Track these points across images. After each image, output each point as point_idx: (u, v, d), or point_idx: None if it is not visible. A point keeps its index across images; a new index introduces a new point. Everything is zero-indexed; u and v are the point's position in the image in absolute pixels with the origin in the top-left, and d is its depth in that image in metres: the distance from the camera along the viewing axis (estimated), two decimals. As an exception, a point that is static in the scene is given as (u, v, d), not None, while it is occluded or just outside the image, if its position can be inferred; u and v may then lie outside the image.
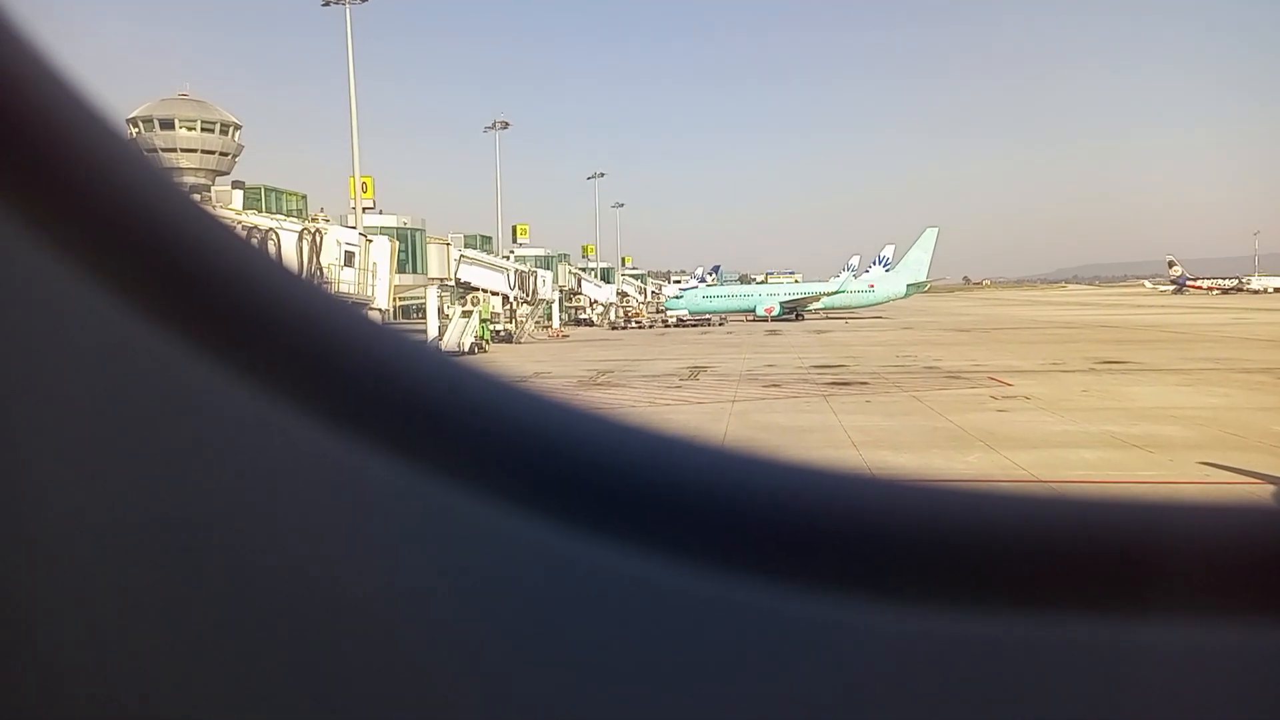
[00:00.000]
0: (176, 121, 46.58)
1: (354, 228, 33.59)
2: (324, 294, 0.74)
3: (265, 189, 36.42)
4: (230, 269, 0.71)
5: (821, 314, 69.27)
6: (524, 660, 0.64)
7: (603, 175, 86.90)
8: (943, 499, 0.71)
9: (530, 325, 52.16)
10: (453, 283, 42.35)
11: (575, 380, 25.43)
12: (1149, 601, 0.66)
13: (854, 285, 73.88)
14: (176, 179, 0.73)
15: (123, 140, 0.71)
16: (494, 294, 45.86)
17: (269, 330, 0.70)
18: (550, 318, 59.64)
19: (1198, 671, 0.65)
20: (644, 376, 26.39)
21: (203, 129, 47.72)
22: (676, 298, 72.54)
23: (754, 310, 67.41)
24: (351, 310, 0.75)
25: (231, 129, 49.49)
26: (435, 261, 40.34)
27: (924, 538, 0.68)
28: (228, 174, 45.99)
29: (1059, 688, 0.63)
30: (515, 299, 48.72)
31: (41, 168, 0.67)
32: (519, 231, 63.82)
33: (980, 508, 0.71)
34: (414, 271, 38.43)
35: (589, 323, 66.26)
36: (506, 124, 60.61)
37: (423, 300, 41.15)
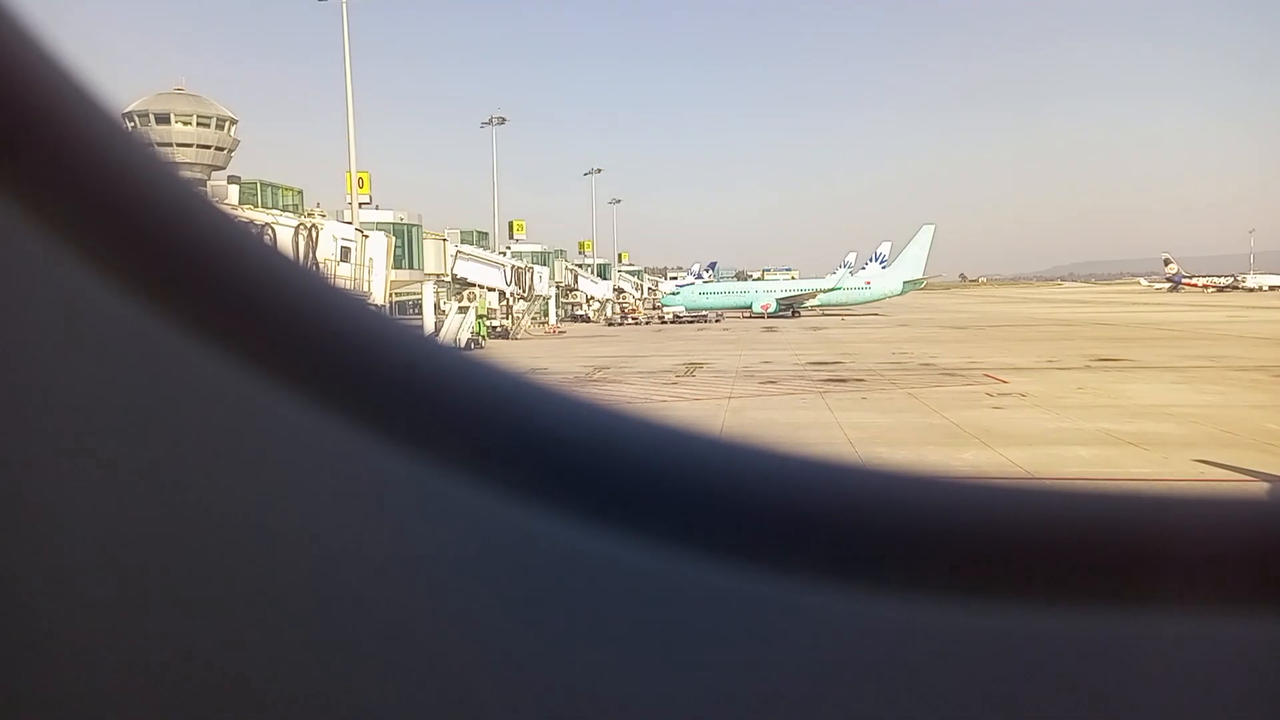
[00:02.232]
0: (172, 116, 46.44)
1: (350, 223, 33.50)
2: (331, 286, 0.74)
3: (261, 184, 36.30)
4: (236, 261, 0.70)
5: (818, 311, 69.24)
6: (527, 648, 0.64)
7: (599, 171, 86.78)
8: (942, 490, 0.71)
9: (526, 321, 52.09)
10: (449, 278, 42.28)
11: (572, 376, 25.40)
12: (1145, 594, 0.66)
13: (850, 282, 73.78)
14: (180, 172, 0.73)
15: (128, 134, 0.71)
16: (490, 290, 45.79)
17: (275, 322, 0.70)
18: (546, 314, 59.58)
19: (1193, 663, 0.65)
20: (640, 373, 26.40)
21: (199, 124, 47.60)
22: (673, 294, 72.52)
23: (750, 307, 67.38)
24: (358, 302, 0.74)
25: (227, 124, 49.36)
26: (431, 257, 40.26)
27: (924, 528, 0.68)
28: (224, 169, 45.88)
29: (1056, 679, 0.64)
30: (512, 295, 48.64)
31: (45, 160, 0.66)
32: (515, 227, 63.69)
33: (979, 499, 0.71)
34: (410, 267, 38.34)
35: (585, 319, 66.19)
36: (503, 120, 60.48)
37: (419, 296, 41.05)
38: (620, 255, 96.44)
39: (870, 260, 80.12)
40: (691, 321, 61.38)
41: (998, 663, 0.64)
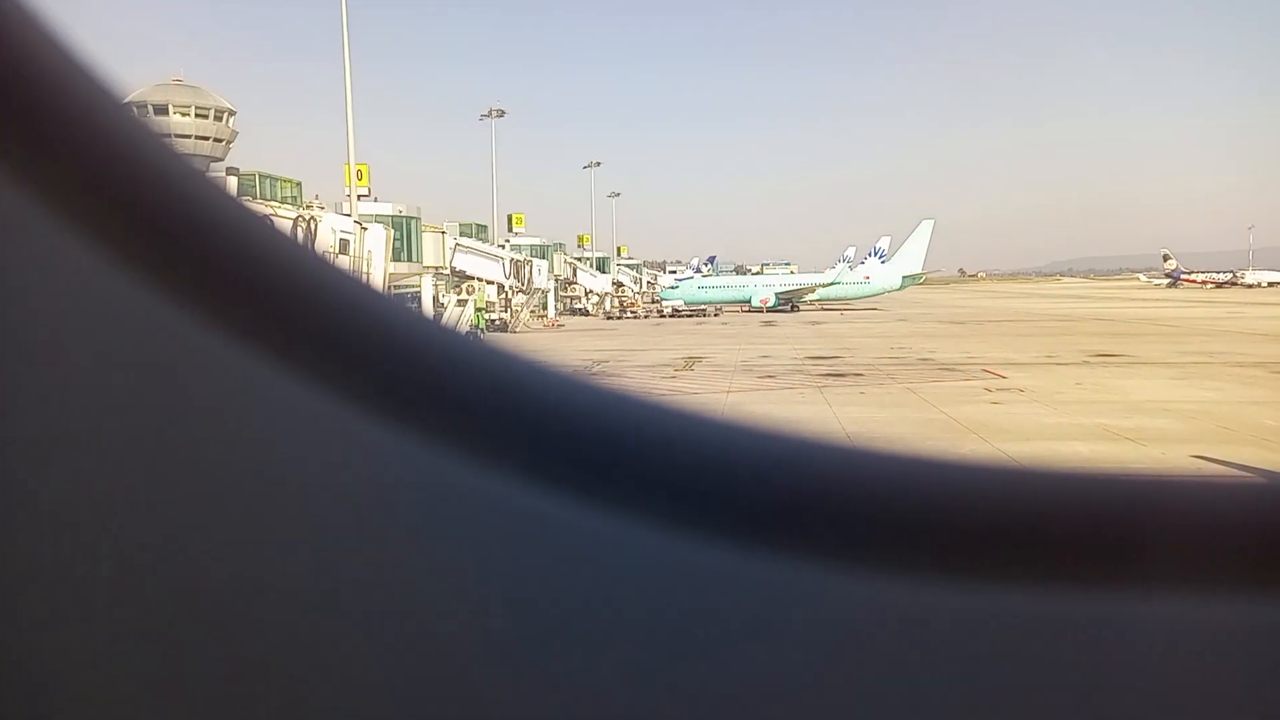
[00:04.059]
0: (170, 107, 46.33)
1: (349, 215, 33.42)
2: (338, 271, 0.73)
3: (260, 175, 36.16)
4: (243, 246, 0.70)
5: (817, 305, 69.26)
6: (526, 628, 0.64)
7: (599, 164, 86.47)
8: (944, 472, 0.72)
9: (525, 314, 52.03)
10: (448, 271, 42.22)
11: (570, 370, 25.34)
12: (1141, 577, 0.67)
13: (849, 277, 73.74)
14: (186, 159, 0.72)
15: (134, 120, 0.70)
16: (489, 283, 45.73)
17: (281, 306, 0.69)
18: (545, 307, 59.53)
19: (1188, 645, 0.65)
20: (639, 367, 26.40)
21: (197, 115, 47.50)
22: (672, 288, 72.43)
23: (749, 301, 67.36)
24: (365, 287, 0.74)
25: (226, 115, 49.26)
26: (430, 250, 40.19)
27: (925, 509, 0.68)
28: (222, 160, 45.76)
29: (1053, 660, 0.64)
30: (510, 288, 48.57)
31: (53, 147, 0.66)
32: (514, 220, 63.52)
33: (979, 481, 0.71)
34: (409, 260, 38.26)
35: (584, 312, 66.14)
36: (502, 112, 60.29)
37: (417, 289, 40.98)
38: (619, 249, 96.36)
39: (869, 255, 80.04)
40: (690, 315, 61.29)
41: (996, 643, 0.64)
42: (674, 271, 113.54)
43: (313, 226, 28.96)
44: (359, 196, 36.90)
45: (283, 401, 0.67)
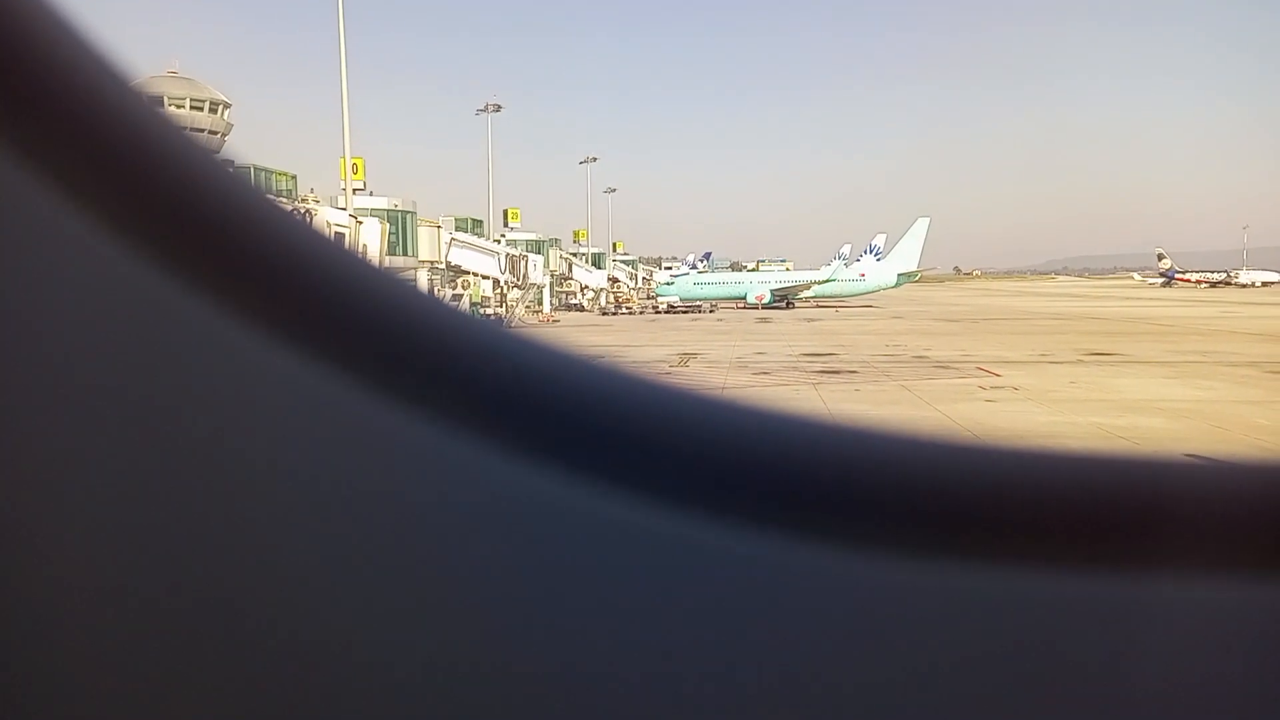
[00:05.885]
0: (165, 99, 46.08)
1: (344, 209, 33.35)
2: (355, 258, 0.73)
3: (254, 168, 36.07)
4: (262, 235, 0.70)
5: (812, 302, 69.23)
6: (531, 607, 0.64)
7: (595, 160, 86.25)
8: (952, 454, 0.72)
9: (521, 310, 51.98)
10: (443, 266, 42.18)
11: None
12: (1149, 557, 0.67)
13: (845, 274, 73.74)
14: (200, 145, 0.72)
15: (148, 108, 0.70)
16: (484, 278, 45.71)
17: (301, 295, 0.69)
18: (541, 302, 59.47)
19: (1197, 626, 0.66)
20: (634, 362, 26.22)
21: (192, 107, 47.26)
22: (667, 284, 72.31)
23: (745, 298, 67.30)
24: (379, 272, 0.74)
25: (221, 107, 49.03)
26: (426, 244, 40.19)
27: (934, 491, 0.69)
28: (217, 153, 45.54)
29: (1059, 641, 0.65)
30: (506, 283, 48.54)
31: (64, 132, 0.66)
32: (510, 215, 63.39)
33: (987, 463, 0.72)
34: (404, 254, 38.23)
35: (580, 308, 66.06)
36: (499, 107, 60.15)
37: (413, 283, 40.88)
38: (615, 244, 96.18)
39: (865, 252, 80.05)
40: (686, 311, 61.23)
41: (1001, 624, 0.65)
42: (670, 267, 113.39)
43: (308, 220, 28.82)
44: (354, 190, 36.79)
45: (293, 386, 0.67)
